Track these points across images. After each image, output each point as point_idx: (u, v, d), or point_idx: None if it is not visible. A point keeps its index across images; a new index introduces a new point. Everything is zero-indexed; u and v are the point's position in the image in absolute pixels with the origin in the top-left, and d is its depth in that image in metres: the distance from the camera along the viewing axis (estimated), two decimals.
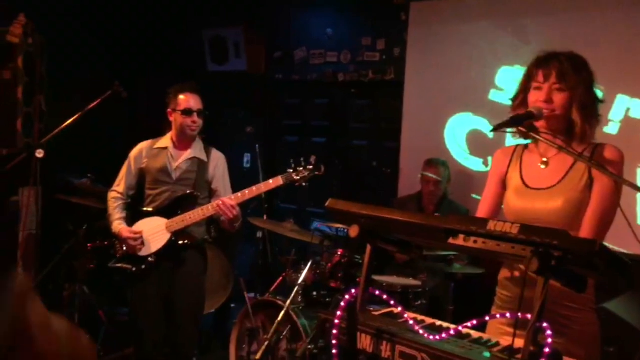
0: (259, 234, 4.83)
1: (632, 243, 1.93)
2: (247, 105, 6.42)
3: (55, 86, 5.22)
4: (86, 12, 5.67)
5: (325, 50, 5.82)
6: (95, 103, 4.05)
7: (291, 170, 3.41)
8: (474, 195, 4.74)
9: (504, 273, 2.22)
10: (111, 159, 3.96)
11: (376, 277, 3.92)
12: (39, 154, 4.00)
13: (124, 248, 3.51)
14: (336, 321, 1.70)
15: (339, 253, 4.00)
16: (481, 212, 2.31)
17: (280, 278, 4.45)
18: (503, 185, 2.25)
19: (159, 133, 3.75)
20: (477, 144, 4.77)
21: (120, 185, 3.63)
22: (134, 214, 3.60)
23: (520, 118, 2.03)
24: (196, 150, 3.59)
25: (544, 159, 2.15)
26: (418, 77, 5.12)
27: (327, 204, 1.79)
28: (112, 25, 5.91)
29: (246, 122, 6.17)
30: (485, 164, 4.73)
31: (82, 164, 5.02)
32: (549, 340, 1.37)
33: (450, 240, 1.55)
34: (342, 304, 1.69)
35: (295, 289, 3.85)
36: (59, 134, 4.05)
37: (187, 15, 6.25)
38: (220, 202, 3.35)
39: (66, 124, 4.04)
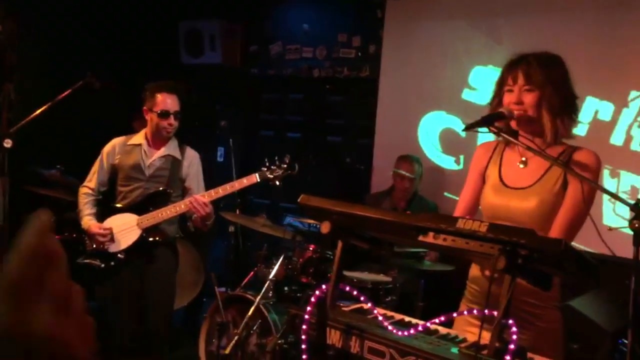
0: (231, 229, 4.81)
1: (598, 242, 1.98)
2: (221, 98, 6.38)
3: (28, 75, 5.14)
4: (61, 0, 5.58)
5: (301, 45, 5.82)
6: (65, 93, 3.98)
7: (265, 169, 3.40)
8: (446, 194, 4.79)
9: (474, 268, 2.25)
10: (82, 149, 3.90)
11: (347, 273, 3.94)
12: (7, 143, 3.91)
13: (93, 244, 3.47)
14: (306, 316, 1.71)
15: (311, 249, 4.01)
16: (460, 205, 2.32)
17: (252, 273, 4.44)
18: (483, 179, 2.27)
19: (128, 125, 3.71)
20: (450, 142, 4.82)
21: (91, 181, 3.58)
22: (104, 210, 3.55)
23: (491, 118, 2.05)
24: (170, 148, 3.56)
25: (523, 159, 2.17)
26: (393, 74, 5.15)
27: (299, 199, 1.80)
28: (87, 15, 5.81)
29: (220, 116, 6.13)
30: (458, 162, 4.78)
31: (51, 154, 4.94)
32: (514, 336, 1.40)
33: (421, 238, 1.57)
34: (312, 299, 1.70)
35: (267, 284, 3.85)
36: (28, 123, 3.97)
37: (163, 6, 6.18)
38: (193, 199, 3.32)
39: (35, 114, 3.96)
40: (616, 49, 4.08)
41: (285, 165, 3.39)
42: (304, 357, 1.71)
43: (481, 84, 4.63)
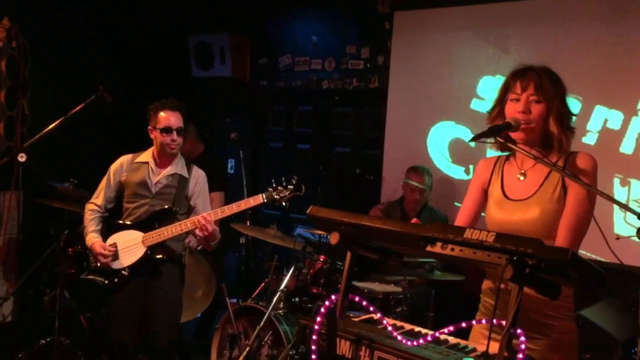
0: (242, 240, 4.83)
1: (609, 251, 1.97)
2: (231, 111, 6.43)
3: (40, 90, 5.20)
4: (73, 17, 5.65)
5: (310, 57, 5.87)
6: (78, 107, 4.04)
7: (272, 190, 3.40)
8: (456, 203, 4.79)
9: (487, 282, 2.25)
10: (94, 163, 3.94)
11: (357, 284, 3.95)
12: (21, 157, 3.98)
13: (97, 262, 3.49)
14: (316, 327, 1.72)
15: (321, 259, 4.02)
16: (460, 218, 2.34)
17: (263, 284, 4.46)
18: (484, 193, 2.29)
19: (139, 138, 3.73)
20: (459, 152, 4.82)
21: (98, 198, 3.60)
22: (109, 227, 3.56)
23: (498, 128, 2.06)
24: (177, 166, 3.58)
25: (522, 171, 2.19)
26: (401, 85, 5.17)
27: (308, 211, 1.82)
28: (98, 30, 5.89)
29: (230, 128, 6.18)
30: (467, 172, 4.79)
31: (64, 168, 4.99)
32: (523, 346, 1.40)
33: (428, 248, 1.58)
34: (322, 310, 1.71)
35: (277, 294, 3.87)
36: (41, 138, 4.03)
37: (173, 20, 6.25)
38: (200, 217, 3.33)
39: (49, 128, 4.02)
40: (625, 57, 4.08)
41: (291, 186, 3.39)
42: None
43: (489, 93, 4.63)
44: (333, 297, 1.73)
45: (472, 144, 4.28)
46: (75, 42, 5.67)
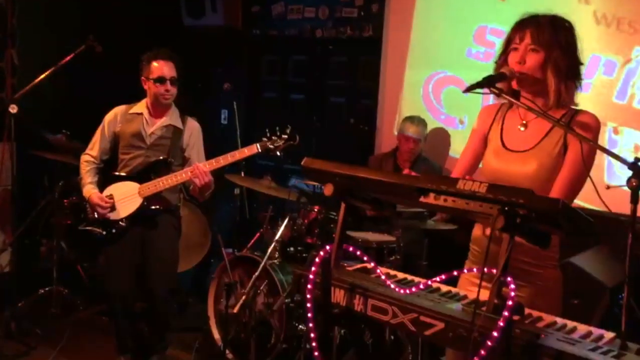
0: (237, 191, 4.85)
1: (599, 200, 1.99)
2: (223, 60, 6.35)
3: (30, 40, 5.11)
4: None
5: (303, 5, 5.76)
6: (67, 58, 3.98)
7: (266, 139, 3.41)
8: (450, 154, 4.80)
9: (476, 229, 2.28)
10: (86, 114, 3.92)
11: (352, 233, 3.99)
12: (12, 109, 3.94)
13: (94, 213, 3.51)
14: (311, 276, 1.76)
15: (316, 210, 4.06)
16: (459, 166, 2.34)
17: (258, 234, 4.50)
18: (484, 141, 2.28)
19: (132, 90, 3.70)
20: (454, 102, 4.80)
21: (93, 149, 3.61)
22: (105, 178, 3.58)
23: (492, 79, 2.04)
24: (172, 117, 3.57)
25: (524, 121, 2.18)
26: (396, 34, 5.10)
27: (302, 162, 1.83)
28: None
29: (223, 78, 6.12)
30: (461, 122, 4.78)
31: (56, 119, 4.95)
32: (513, 293, 1.44)
33: (422, 199, 1.60)
34: (317, 259, 1.74)
35: (272, 245, 3.91)
36: (32, 89, 3.99)
37: None
38: (195, 167, 3.34)
39: (39, 78, 3.98)
40: (621, 4, 4.03)
41: (286, 136, 3.40)
42: (309, 315, 1.76)
43: (485, 42, 4.59)
44: (327, 247, 1.76)
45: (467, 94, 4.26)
46: None
